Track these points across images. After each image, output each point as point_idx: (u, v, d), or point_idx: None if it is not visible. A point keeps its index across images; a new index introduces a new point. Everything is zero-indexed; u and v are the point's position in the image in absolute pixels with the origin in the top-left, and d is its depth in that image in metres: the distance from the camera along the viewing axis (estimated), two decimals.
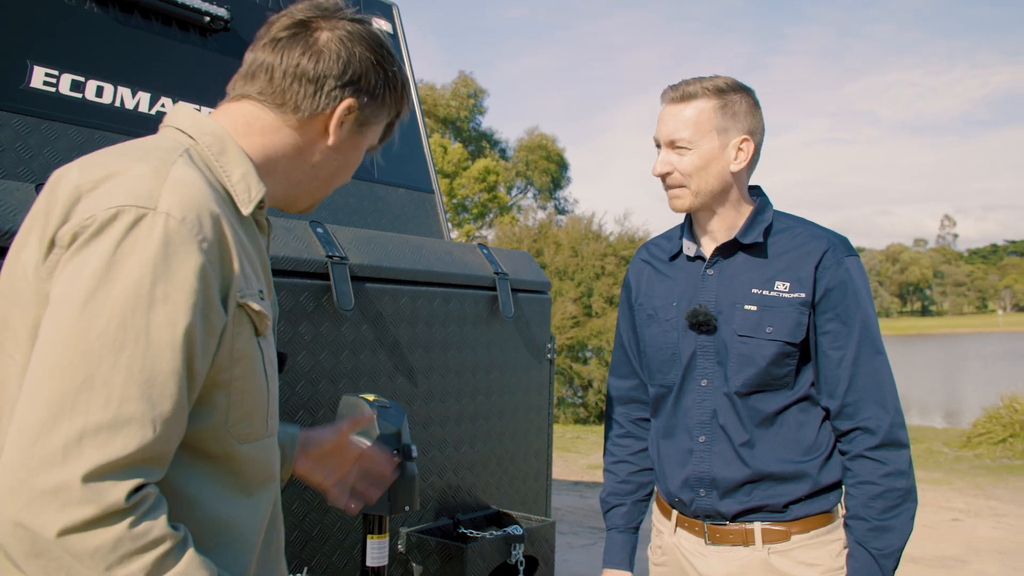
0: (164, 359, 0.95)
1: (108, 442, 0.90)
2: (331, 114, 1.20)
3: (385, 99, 1.25)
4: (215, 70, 2.46)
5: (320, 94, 1.18)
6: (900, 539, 1.71)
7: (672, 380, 1.87)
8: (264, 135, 1.18)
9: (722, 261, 1.84)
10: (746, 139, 1.78)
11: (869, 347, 1.75)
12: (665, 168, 1.81)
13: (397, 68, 1.26)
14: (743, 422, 1.79)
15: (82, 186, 1.00)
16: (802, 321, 1.75)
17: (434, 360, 2.33)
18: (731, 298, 1.80)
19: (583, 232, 17.86)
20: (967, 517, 7.38)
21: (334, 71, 1.18)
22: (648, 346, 1.93)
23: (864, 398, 1.74)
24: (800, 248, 1.79)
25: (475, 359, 2.47)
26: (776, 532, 1.78)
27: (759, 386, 1.77)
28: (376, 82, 1.22)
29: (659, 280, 1.94)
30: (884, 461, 1.72)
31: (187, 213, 0.99)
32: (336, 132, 1.21)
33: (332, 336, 2.05)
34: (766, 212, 1.85)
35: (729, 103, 1.77)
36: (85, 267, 0.94)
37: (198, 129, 1.14)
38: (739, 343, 1.77)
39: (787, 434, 1.78)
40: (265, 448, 1.15)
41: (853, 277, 1.77)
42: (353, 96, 1.20)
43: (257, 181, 1.15)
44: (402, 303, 2.24)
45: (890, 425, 1.73)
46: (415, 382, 2.27)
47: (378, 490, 1.58)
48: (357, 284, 2.11)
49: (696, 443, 1.83)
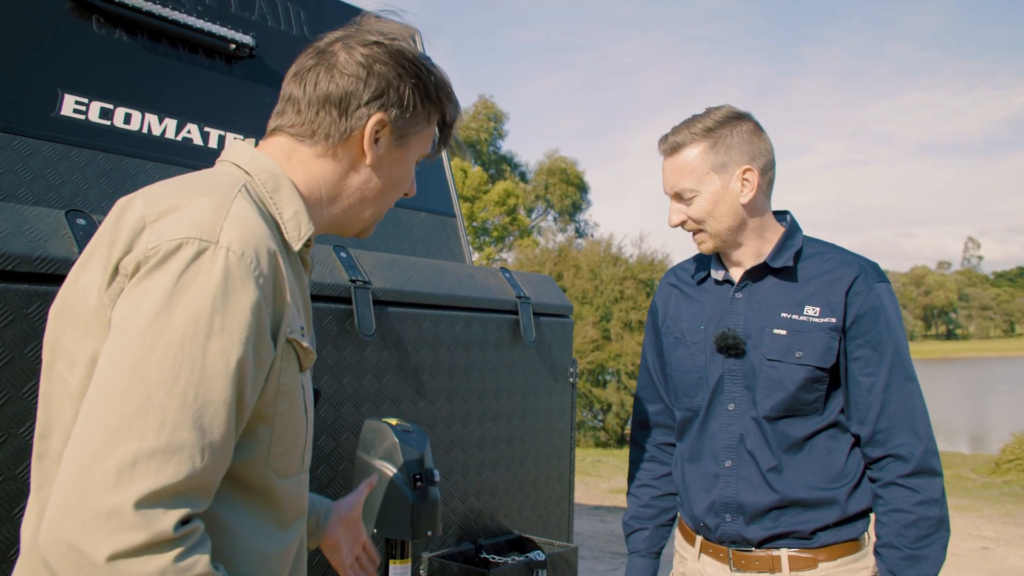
0: (217, 388, 0.96)
1: (161, 468, 0.91)
2: (362, 134, 1.19)
3: (418, 107, 1.23)
4: (240, 96, 2.50)
5: (346, 117, 1.18)
6: (933, 568, 1.68)
7: (699, 404, 1.86)
8: (304, 168, 1.20)
9: (751, 285, 1.84)
10: (748, 168, 1.77)
11: (901, 373, 1.74)
12: (678, 219, 1.84)
13: (426, 74, 1.23)
14: (771, 447, 1.77)
15: (147, 216, 1.02)
16: (832, 346, 1.74)
17: (456, 384, 2.33)
18: (760, 322, 1.79)
19: (602, 255, 17.85)
20: (997, 546, 7.24)
21: (355, 90, 1.18)
22: (675, 369, 1.93)
23: (896, 425, 1.72)
24: (830, 273, 1.79)
25: (497, 383, 2.47)
26: (803, 559, 1.75)
27: (788, 411, 1.76)
28: (403, 92, 1.20)
29: (687, 304, 1.94)
30: (917, 489, 1.70)
31: (246, 248, 1.01)
32: (372, 150, 1.20)
33: (355, 360, 2.06)
34: (796, 237, 1.86)
35: (720, 139, 1.77)
36: (148, 295, 0.96)
37: (255, 166, 1.17)
38: (768, 367, 1.76)
39: (816, 460, 1.76)
40: (299, 483, 1.16)
41: (884, 303, 1.76)
42: (381, 111, 1.19)
43: (307, 220, 1.17)
44: (424, 327, 2.25)
45: (923, 452, 1.71)
46: (437, 406, 2.27)
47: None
48: (380, 308, 2.12)
49: (722, 467, 1.82)
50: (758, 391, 1.78)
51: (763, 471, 1.77)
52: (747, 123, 1.81)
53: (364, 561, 1.67)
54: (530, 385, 2.58)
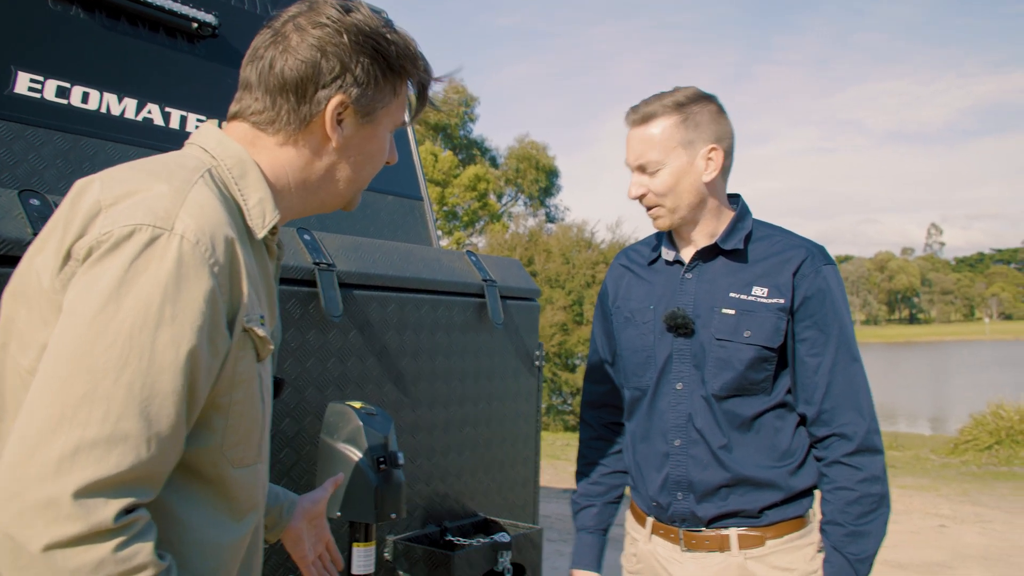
0: (166, 379, 0.95)
1: (103, 458, 0.89)
2: (323, 118, 1.16)
3: (380, 81, 1.18)
4: (203, 76, 2.45)
5: (305, 103, 1.15)
6: (875, 544, 1.73)
7: (647, 383, 1.88)
8: (268, 155, 1.18)
9: (701, 265, 1.86)
10: (714, 148, 1.78)
11: (846, 354, 1.77)
12: (639, 191, 1.83)
13: (385, 45, 1.18)
14: (720, 426, 1.80)
15: (103, 200, 1.00)
16: (780, 327, 1.76)
17: (422, 367, 2.32)
18: (709, 302, 1.81)
19: (574, 240, 17.90)
20: (953, 523, 7.40)
21: (311, 75, 1.15)
22: (624, 349, 1.94)
23: (841, 404, 1.76)
24: (779, 255, 1.81)
25: (463, 366, 2.46)
26: (752, 537, 1.79)
27: (736, 390, 1.78)
28: (361, 70, 1.16)
29: (637, 284, 1.96)
30: (860, 467, 1.74)
31: (201, 236, 0.99)
32: (335, 133, 1.17)
33: (319, 343, 2.04)
34: (746, 219, 1.88)
35: (690, 115, 1.78)
36: (98, 282, 0.94)
37: (222, 151, 1.15)
38: (717, 347, 1.79)
39: (764, 439, 1.80)
40: (255, 473, 1.15)
41: (831, 285, 1.79)
42: (340, 92, 1.16)
43: (273, 208, 1.15)
44: (390, 310, 2.23)
45: (866, 431, 1.75)
46: (403, 389, 2.26)
47: None
48: (345, 291, 2.10)
49: (671, 447, 1.84)
50: (707, 370, 1.80)
51: (713, 449, 1.79)
52: (713, 104, 1.82)
53: (327, 560, 1.66)
54: (496, 368, 2.58)
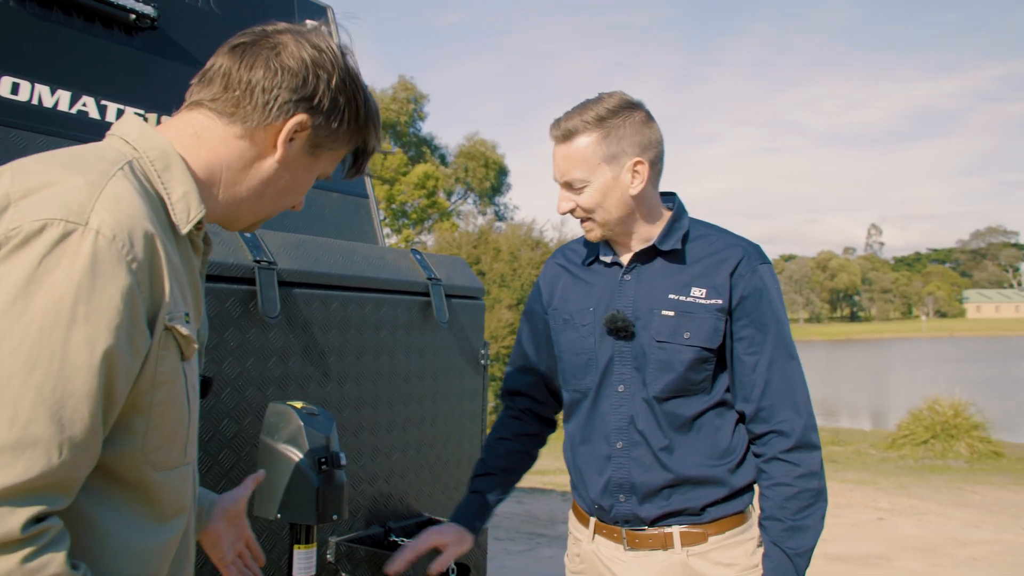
0: (79, 381, 0.91)
1: (10, 465, 0.86)
2: (281, 127, 1.16)
3: (343, 124, 1.20)
4: (141, 69, 2.39)
5: (272, 105, 1.14)
6: (813, 538, 1.76)
7: (588, 385, 1.87)
8: (211, 148, 1.15)
9: (639, 267, 1.86)
10: (639, 161, 1.76)
11: (783, 352, 1.80)
12: (568, 205, 1.82)
13: (362, 97, 1.22)
14: (662, 427, 1.80)
15: (12, 193, 0.95)
16: (719, 327, 1.78)
17: (365, 366, 2.30)
18: (648, 304, 1.82)
19: (522, 239, 17.94)
20: (891, 516, 7.61)
21: (290, 84, 1.14)
22: (564, 351, 1.93)
23: (778, 402, 1.78)
24: (715, 255, 1.82)
25: (407, 365, 2.44)
26: (694, 535, 1.80)
27: (677, 391, 1.79)
28: (334, 105, 1.18)
29: (575, 285, 1.95)
30: (797, 463, 1.77)
31: (118, 231, 0.95)
32: (284, 146, 1.17)
33: (259, 342, 2.01)
34: (683, 219, 1.88)
35: (612, 130, 1.75)
36: (4, 280, 0.90)
37: (145, 142, 1.11)
38: (657, 348, 1.79)
39: (704, 438, 1.81)
40: (181, 476, 1.12)
41: (767, 284, 1.81)
42: (306, 113, 1.16)
43: (198, 202, 1.11)
44: (332, 309, 2.21)
45: (803, 428, 1.78)
46: (345, 389, 2.24)
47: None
48: (285, 289, 2.07)
49: (614, 449, 1.84)
50: (648, 372, 1.80)
51: (655, 451, 1.80)
52: (639, 112, 1.79)
53: (247, 558, 1.62)
54: (441, 367, 2.57)
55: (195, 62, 2.56)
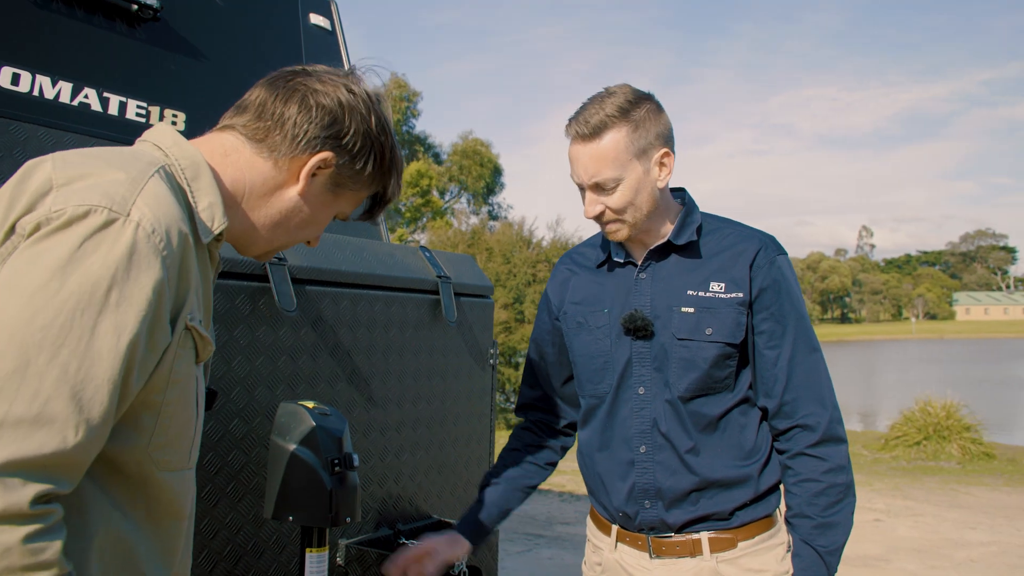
0: (103, 365, 0.91)
1: (27, 437, 0.85)
2: (306, 161, 1.20)
3: (367, 167, 1.24)
4: (144, 61, 2.34)
5: (301, 139, 1.19)
6: (843, 535, 1.72)
7: (605, 390, 1.82)
8: (238, 168, 1.19)
9: (654, 265, 1.80)
10: (666, 152, 1.71)
11: (804, 344, 1.75)
12: (596, 209, 1.73)
13: (389, 144, 1.26)
14: (687, 428, 1.75)
15: (56, 179, 0.97)
16: (741, 321, 1.73)
17: (375, 365, 2.26)
18: (667, 301, 1.77)
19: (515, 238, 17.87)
20: (887, 517, 7.61)
21: (322, 121, 1.19)
22: (579, 355, 1.87)
23: (802, 396, 1.73)
24: (732, 248, 1.77)
25: (417, 364, 2.40)
26: (723, 540, 1.75)
27: (702, 390, 1.74)
28: (361, 147, 1.23)
29: (587, 287, 1.89)
30: (824, 457, 1.72)
31: (157, 226, 0.98)
32: (307, 180, 1.21)
33: (270, 340, 1.96)
34: (695, 213, 1.83)
35: (640, 122, 1.68)
36: (44, 256, 0.91)
37: (178, 151, 1.14)
38: (679, 347, 1.74)
39: (730, 438, 1.76)
40: (182, 480, 1.12)
41: (786, 276, 1.76)
42: (333, 151, 1.21)
43: (222, 213, 1.14)
44: (343, 306, 2.16)
45: (829, 421, 1.73)
46: (356, 388, 2.19)
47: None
48: (296, 287, 2.02)
49: (637, 454, 1.78)
50: (670, 372, 1.75)
51: (680, 454, 1.75)
52: (652, 102, 1.73)
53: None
54: (450, 367, 2.53)
55: (198, 54, 2.51)
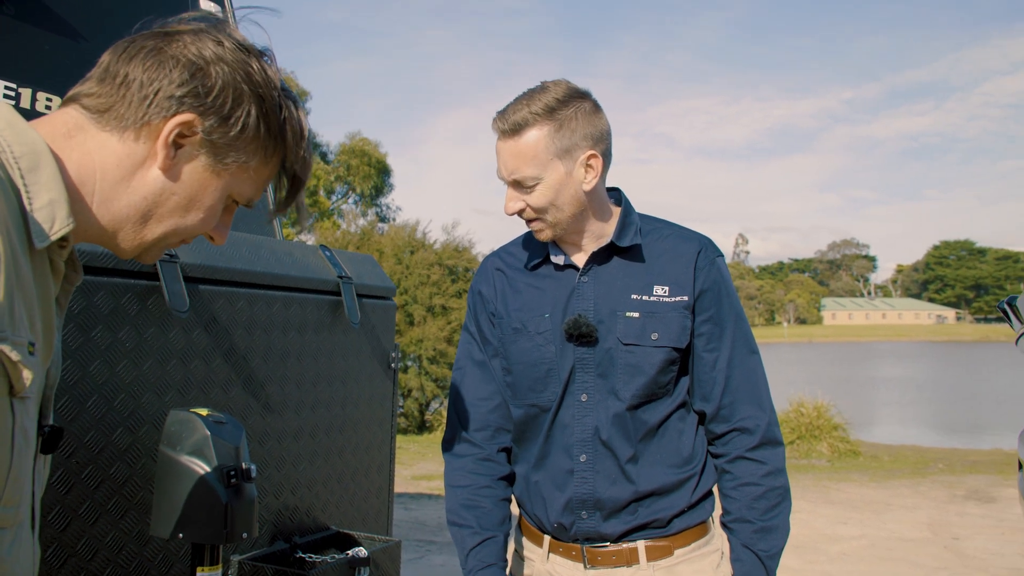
0: None
1: None
2: (161, 128, 0.96)
3: (249, 131, 1.00)
4: (11, 38, 2.14)
5: (151, 101, 0.96)
6: (783, 538, 1.71)
7: (549, 398, 1.75)
8: (84, 150, 0.96)
9: (596, 268, 1.76)
10: (592, 155, 1.67)
11: (743, 347, 1.75)
12: (516, 206, 1.69)
13: (276, 98, 1.02)
14: (629, 437, 1.71)
15: None
16: (686, 325, 1.71)
17: (272, 370, 2.14)
18: (611, 306, 1.72)
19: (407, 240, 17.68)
20: None
21: (175, 77, 0.96)
22: (517, 363, 1.79)
23: (740, 398, 1.73)
24: (672, 250, 1.75)
25: (317, 369, 2.29)
26: (660, 548, 1.72)
27: (647, 396, 1.71)
28: (234, 103, 0.99)
29: (522, 291, 1.82)
30: (764, 460, 1.71)
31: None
32: (167, 152, 0.97)
33: (158, 343, 1.82)
34: (632, 214, 1.80)
35: (564, 121, 1.64)
36: None
37: (11, 135, 0.90)
38: (625, 352, 1.70)
39: (668, 444, 1.74)
40: (4, 542, 0.87)
41: (725, 277, 1.76)
42: (193, 111, 0.97)
43: (66, 215, 0.91)
44: (239, 307, 2.03)
45: (768, 424, 1.73)
46: (251, 394, 2.07)
47: None
48: (189, 285, 1.88)
49: (577, 463, 1.73)
50: (617, 378, 1.71)
51: (621, 463, 1.71)
52: (587, 102, 1.69)
53: None
54: (351, 371, 2.43)
55: (76, 35, 2.32)
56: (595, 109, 1.70)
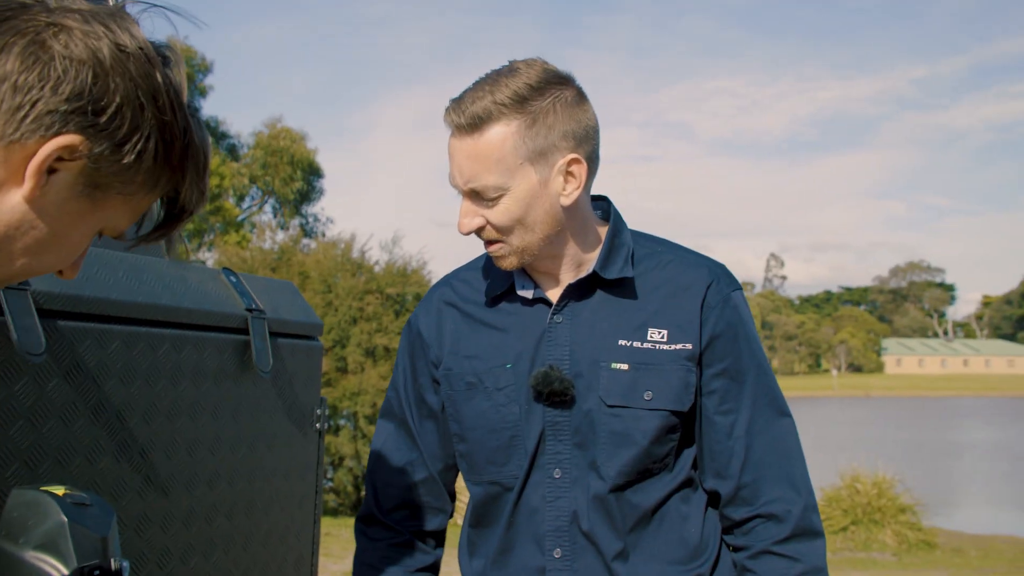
0: None
1: None
2: (34, 151, 0.98)
3: (142, 159, 1.02)
4: None
5: (27, 115, 0.97)
6: None
7: (512, 473, 1.77)
8: None
9: (574, 304, 1.77)
10: (574, 159, 1.68)
11: (768, 407, 1.76)
12: (473, 223, 1.70)
13: (181, 122, 1.05)
14: (616, 525, 1.72)
15: None
16: (690, 381, 1.72)
17: (157, 432, 2.13)
18: (592, 354, 1.73)
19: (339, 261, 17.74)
20: None
21: (61, 89, 0.97)
22: (471, 428, 1.81)
23: (766, 476, 1.73)
24: (674, 281, 1.76)
25: (216, 430, 2.29)
26: None
27: (638, 473, 1.72)
28: (136, 131, 1.01)
29: (477, 332, 1.83)
30: (798, 557, 1.71)
31: None
32: (37, 180, 0.99)
33: (0, 397, 1.80)
34: (623, 234, 1.81)
35: (539, 115, 1.65)
36: None
37: None
38: (609, 417, 1.71)
39: (668, 534, 1.74)
40: None
41: (743, 318, 1.77)
42: (81, 133, 0.98)
43: None
44: (112, 350, 2.03)
45: (803, 509, 1.73)
46: (128, 465, 2.06)
47: None
48: (45, 321, 1.88)
49: (550, 559, 1.74)
50: (598, 450, 1.72)
51: (607, 560, 1.71)
52: (569, 89, 1.70)
53: None
54: (263, 433, 2.43)
55: None
56: (578, 99, 1.71)
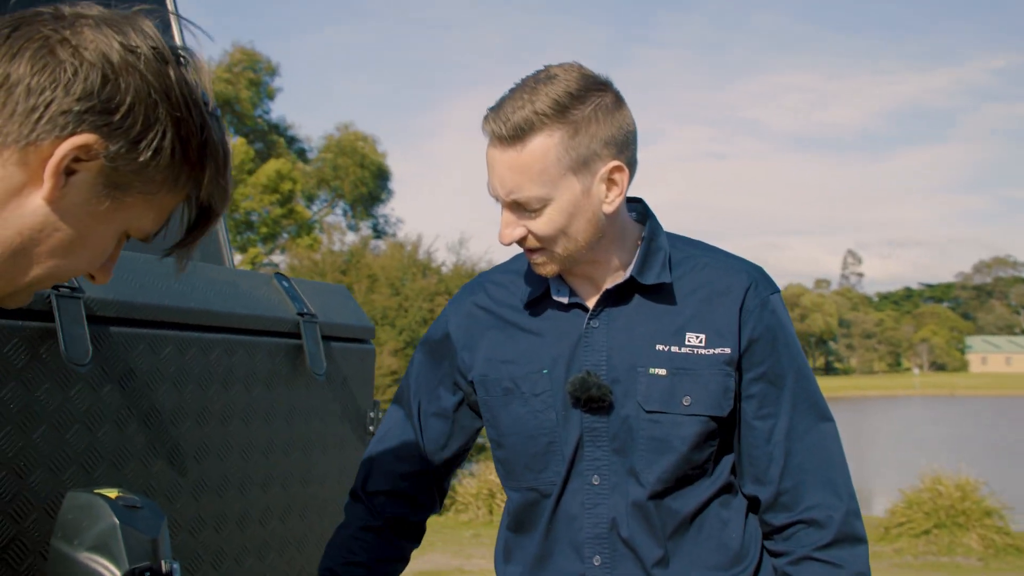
0: None
1: None
2: (51, 151, 1.00)
3: (160, 156, 1.04)
4: None
5: (42, 116, 0.99)
6: None
7: (550, 479, 1.78)
8: None
9: (611, 309, 1.78)
10: (616, 167, 1.68)
11: (809, 412, 1.77)
12: (516, 234, 1.71)
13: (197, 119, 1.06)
14: (656, 532, 1.72)
15: None
16: (729, 386, 1.73)
17: (210, 436, 2.18)
18: (630, 360, 1.74)
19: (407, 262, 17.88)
20: None
21: (76, 87, 0.99)
22: (509, 435, 1.83)
23: (806, 481, 1.73)
24: (711, 285, 1.77)
25: (269, 434, 2.33)
26: None
27: (678, 479, 1.72)
28: (145, 124, 1.02)
29: (513, 337, 1.84)
30: (840, 563, 1.71)
31: None
32: (56, 181, 1.00)
33: (55, 403, 1.86)
34: (659, 238, 1.82)
35: (581, 124, 1.65)
36: None
37: None
38: (647, 423, 1.72)
39: (708, 540, 1.74)
40: None
41: (782, 321, 1.78)
42: (96, 132, 1.00)
43: None
44: (164, 355, 2.08)
45: (845, 514, 1.73)
46: (180, 469, 2.11)
47: None
48: (96, 328, 1.93)
49: (589, 566, 1.75)
50: (636, 456, 1.72)
51: (647, 567, 1.72)
52: (608, 94, 1.70)
53: None
54: (315, 436, 2.48)
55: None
56: (617, 103, 1.72)
